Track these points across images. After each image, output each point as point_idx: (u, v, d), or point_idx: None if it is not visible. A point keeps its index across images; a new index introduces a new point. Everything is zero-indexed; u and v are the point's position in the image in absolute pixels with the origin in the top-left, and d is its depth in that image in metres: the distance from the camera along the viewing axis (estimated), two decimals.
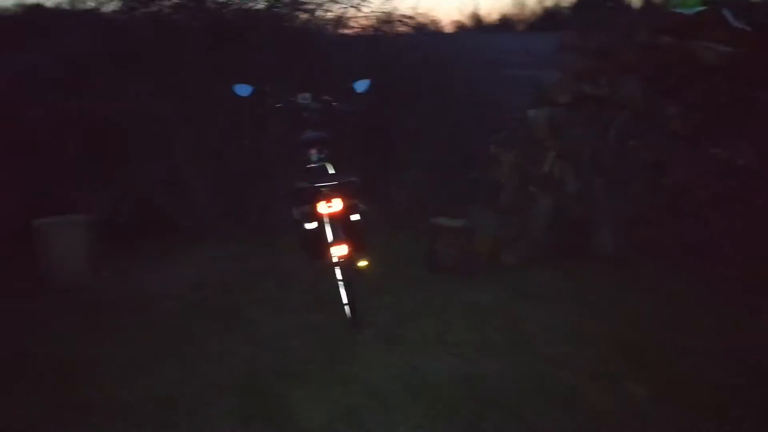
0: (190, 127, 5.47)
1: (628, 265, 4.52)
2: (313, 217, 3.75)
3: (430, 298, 4.20)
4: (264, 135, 5.52)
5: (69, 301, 4.28)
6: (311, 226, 3.77)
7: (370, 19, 6.69)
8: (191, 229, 5.36)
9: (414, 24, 6.94)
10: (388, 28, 6.77)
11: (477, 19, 12.76)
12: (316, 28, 6.52)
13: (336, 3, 6.42)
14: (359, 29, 6.84)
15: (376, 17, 6.67)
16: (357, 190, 3.76)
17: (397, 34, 6.78)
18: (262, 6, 6.20)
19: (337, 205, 3.67)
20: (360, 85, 4.18)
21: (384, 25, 6.80)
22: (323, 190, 3.67)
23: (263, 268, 4.76)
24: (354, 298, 3.72)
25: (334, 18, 6.60)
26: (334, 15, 6.57)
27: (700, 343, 3.40)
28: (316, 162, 4.01)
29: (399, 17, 6.76)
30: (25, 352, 3.57)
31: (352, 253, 3.68)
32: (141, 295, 4.38)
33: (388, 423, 2.84)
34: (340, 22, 6.62)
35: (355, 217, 3.76)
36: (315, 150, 4.04)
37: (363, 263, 3.77)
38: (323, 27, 6.57)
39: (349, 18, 6.70)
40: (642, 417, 2.83)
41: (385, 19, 6.73)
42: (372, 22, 6.74)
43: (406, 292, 4.30)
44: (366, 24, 6.77)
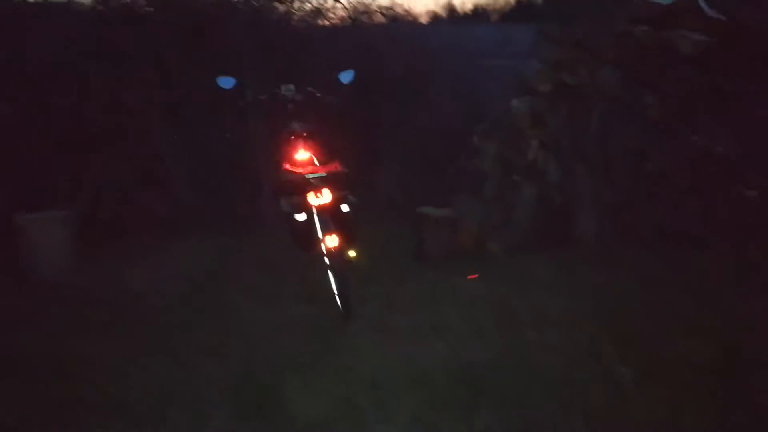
0: (170, 120, 5.40)
1: (611, 251, 4.60)
2: (302, 208, 3.74)
3: (419, 287, 4.23)
4: (246, 127, 5.48)
5: (54, 297, 4.22)
6: (301, 217, 3.76)
7: (348, 10, 6.70)
8: (176, 223, 5.30)
9: (391, 15, 6.96)
10: (366, 19, 6.77)
11: (451, 10, 12.76)
12: (294, 19, 6.48)
13: None
14: (337, 21, 6.84)
15: (354, 8, 6.68)
16: (346, 181, 3.75)
17: (375, 25, 6.78)
18: None
19: (326, 196, 3.67)
20: (345, 76, 4.17)
21: (362, 15, 6.80)
22: (312, 181, 3.66)
23: (251, 260, 4.74)
24: (345, 289, 3.72)
25: (312, 10, 6.58)
26: (312, 7, 6.55)
27: (683, 327, 3.46)
28: (303, 154, 3.99)
29: (376, 8, 6.79)
30: (16, 348, 3.51)
31: (342, 244, 3.68)
32: (128, 290, 4.33)
33: (385, 412, 2.84)
34: (319, 13, 6.60)
35: (344, 207, 3.75)
36: (301, 141, 4.03)
37: (352, 254, 3.77)
38: (302, 18, 6.53)
39: (328, 9, 6.70)
40: (630, 399, 2.88)
41: (363, 9, 6.74)
42: (350, 14, 6.75)
43: (395, 282, 4.31)
44: (344, 15, 6.77)
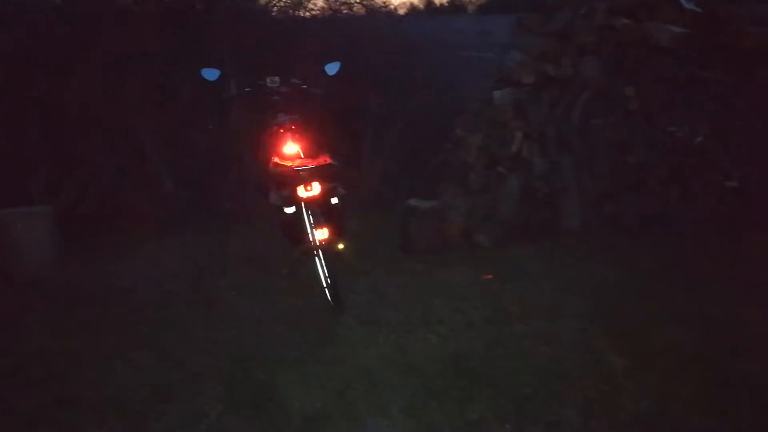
0: (151, 112, 5.32)
1: (595, 239, 4.68)
2: (291, 201, 3.72)
3: (408, 279, 4.24)
4: (229, 120, 5.43)
5: (39, 294, 4.16)
6: (290, 210, 3.75)
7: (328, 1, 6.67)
8: (161, 218, 5.24)
9: (368, 5, 6.94)
10: (346, 9, 6.75)
11: (428, 2, 12.73)
12: (275, 10, 6.44)
13: None
14: (318, 12, 6.80)
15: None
16: (335, 174, 3.74)
17: (355, 16, 6.76)
18: None
19: (316, 189, 3.65)
20: (331, 68, 4.14)
21: (342, 6, 6.78)
22: (302, 174, 3.64)
23: (238, 254, 4.71)
24: (335, 282, 3.72)
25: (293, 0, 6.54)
26: None
27: (669, 315, 3.52)
28: (291, 146, 3.97)
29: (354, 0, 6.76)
30: (5, 346, 3.47)
31: (331, 237, 3.67)
32: (114, 286, 4.28)
33: (379, 404, 2.84)
34: (300, 4, 6.55)
35: (334, 200, 3.74)
36: (289, 134, 4.00)
37: (341, 247, 3.77)
38: (284, 9, 6.49)
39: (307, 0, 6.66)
40: (622, 387, 2.93)
41: (343, 0, 6.72)
42: (330, 4, 6.72)
43: (384, 274, 4.32)
44: (324, 6, 6.74)
